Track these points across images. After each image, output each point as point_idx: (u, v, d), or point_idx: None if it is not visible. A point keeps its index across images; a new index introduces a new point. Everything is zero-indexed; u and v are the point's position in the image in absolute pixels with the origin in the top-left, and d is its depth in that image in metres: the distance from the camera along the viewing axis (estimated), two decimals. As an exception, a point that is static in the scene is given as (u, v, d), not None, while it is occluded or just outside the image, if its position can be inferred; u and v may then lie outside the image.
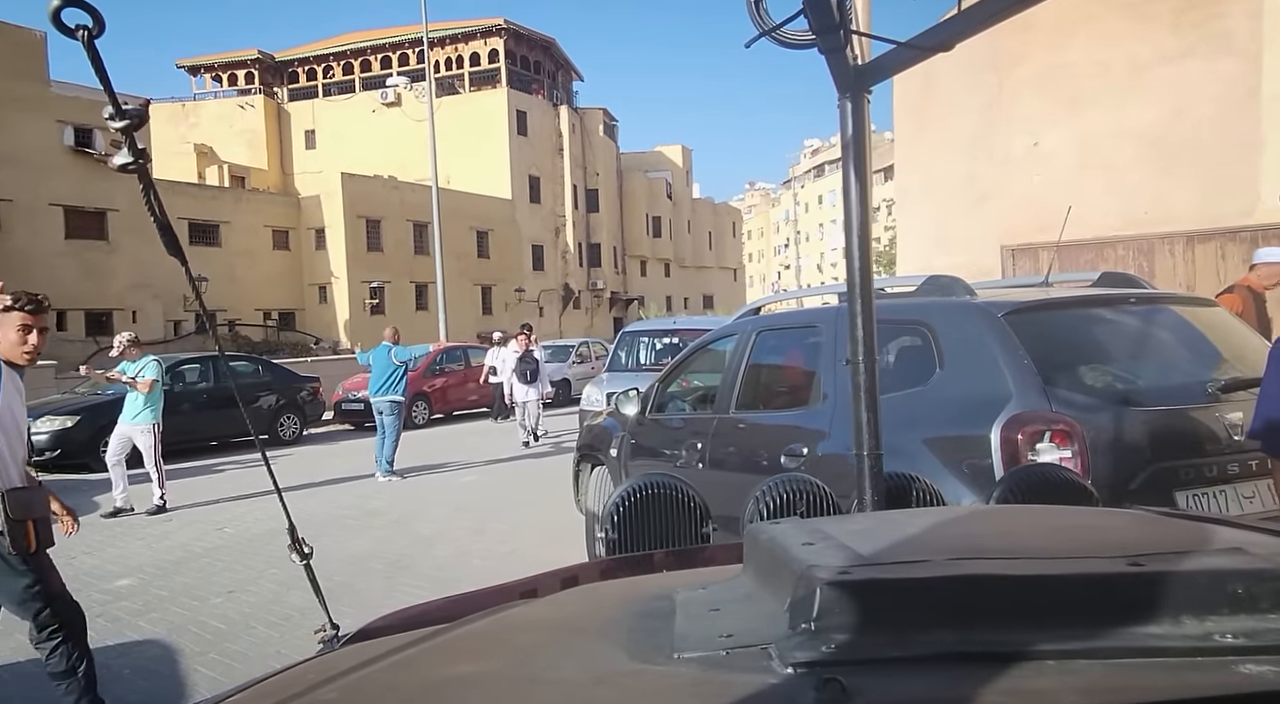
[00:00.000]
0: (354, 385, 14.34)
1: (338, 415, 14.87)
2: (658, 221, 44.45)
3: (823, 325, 3.70)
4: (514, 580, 1.53)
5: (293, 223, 28.72)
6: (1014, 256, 7.49)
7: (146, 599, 5.16)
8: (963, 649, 0.65)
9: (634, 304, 41.84)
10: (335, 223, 27.98)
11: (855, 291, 1.97)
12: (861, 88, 1.89)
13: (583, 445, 5.89)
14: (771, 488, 1.82)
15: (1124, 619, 0.67)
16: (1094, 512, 1.25)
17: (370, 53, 36.76)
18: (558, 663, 0.80)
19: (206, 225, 26.25)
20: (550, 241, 37.20)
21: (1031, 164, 7.47)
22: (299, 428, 13.04)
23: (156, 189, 1.27)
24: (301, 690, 0.86)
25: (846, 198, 1.95)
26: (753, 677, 0.66)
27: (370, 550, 6.23)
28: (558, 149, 37.47)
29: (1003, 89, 7.59)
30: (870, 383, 1.99)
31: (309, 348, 25.60)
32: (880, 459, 1.95)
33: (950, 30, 1.64)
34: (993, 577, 0.71)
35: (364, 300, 28.18)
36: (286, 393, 12.79)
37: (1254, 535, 0.87)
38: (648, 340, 11.53)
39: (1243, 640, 0.65)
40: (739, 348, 4.28)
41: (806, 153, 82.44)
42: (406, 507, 7.85)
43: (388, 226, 29.39)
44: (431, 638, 0.99)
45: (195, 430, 11.27)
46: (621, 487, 1.89)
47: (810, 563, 0.75)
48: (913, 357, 3.35)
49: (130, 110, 1.19)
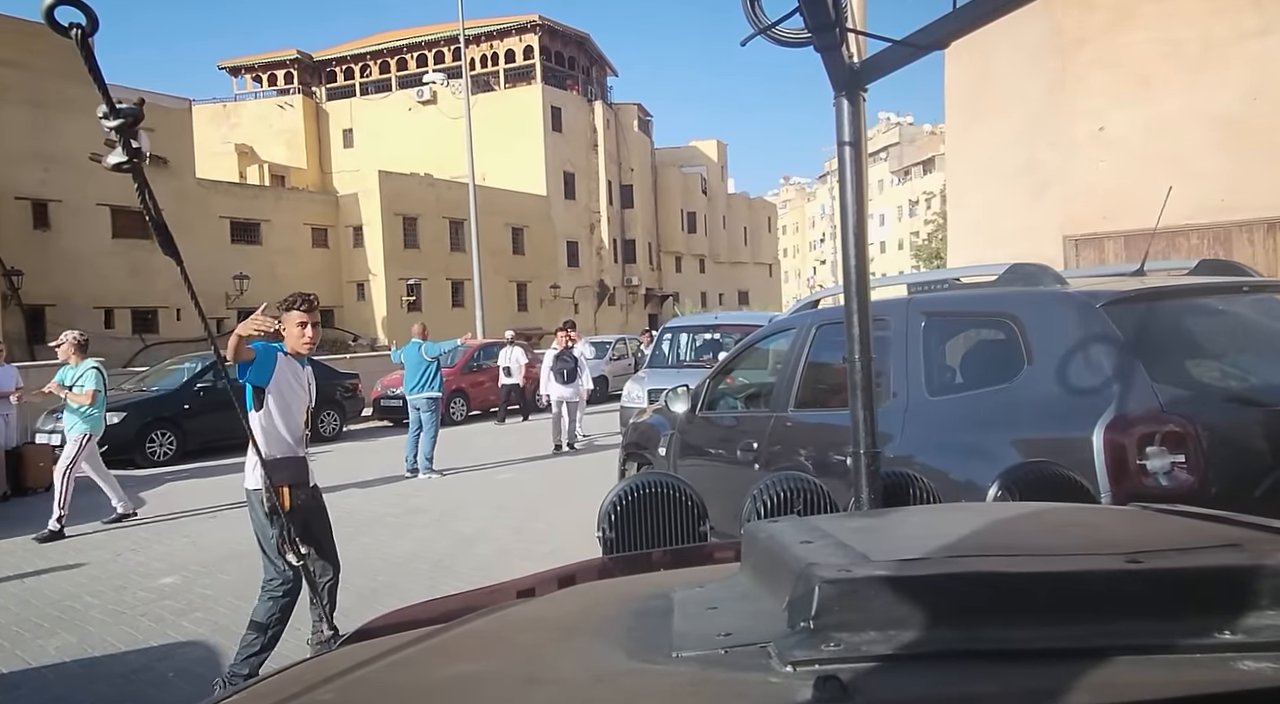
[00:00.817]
0: (392, 382, 14.35)
1: (376, 412, 14.90)
2: (692, 217, 44.16)
3: (891, 318, 3.47)
4: (511, 580, 1.53)
5: (331, 221, 29.00)
6: (1077, 247, 7.15)
7: (190, 598, 5.11)
8: (961, 647, 0.65)
9: (669, 300, 41.61)
10: (373, 220, 28.19)
11: (851, 290, 1.94)
12: (857, 86, 1.87)
13: (629, 444, 5.72)
14: (769, 486, 1.82)
15: (1123, 616, 0.67)
16: (1092, 509, 1.23)
17: (406, 51, 36.99)
18: (556, 662, 0.80)
19: (248, 224, 26.60)
20: (585, 238, 37.12)
21: (1096, 150, 7.12)
22: (339, 424, 13.08)
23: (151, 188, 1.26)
24: (299, 691, 0.85)
25: (842, 196, 1.93)
26: (751, 675, 0.66)
27: (413, 550, 6.13)
28: (592, 145, 37.37)
29: (1065, 72, 7.24)
30: (866, 381, 1.96)
31: (347, 345, 25.83)
32: (877, 457, 1.91)
33: (945, 28, 1.64)
34: (991, 574, 0.71)
35: (401, 297, 28.36)
36: (326, 389, 12.83)
37: (1252, 532, 0.87)
38: (688, 336, 11.32)
39: (1242, 637, 0.65)
40: (797, 343, 4.06)
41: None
42: (447, 505, 7.76)
43: (424, 224, 29.54)
44: (429, 638, 0.98)
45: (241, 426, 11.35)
46: (618, 485, 1.88)
47: (809, 561, 0.75)
48: (995, 351, 3.11)
49: (124, 109, 1.21)
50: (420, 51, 36.77)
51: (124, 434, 9.95)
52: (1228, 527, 0.92)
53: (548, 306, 34.24)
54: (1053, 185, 7.41)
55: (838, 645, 0.66)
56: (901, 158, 68.00)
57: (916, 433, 3.10)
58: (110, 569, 5.87)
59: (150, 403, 10.53)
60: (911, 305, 3.42)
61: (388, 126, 35.15)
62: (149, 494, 8.71)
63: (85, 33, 1.07)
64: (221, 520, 7.43)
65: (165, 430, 10.42)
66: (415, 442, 9.30)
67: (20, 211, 20.90)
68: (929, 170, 63.85)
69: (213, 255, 24.74)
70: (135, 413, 10.19)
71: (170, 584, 5.43)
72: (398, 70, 37.13)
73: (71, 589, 5.38)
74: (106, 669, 4.00)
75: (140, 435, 10.14)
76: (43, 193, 21.22)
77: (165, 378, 11.20)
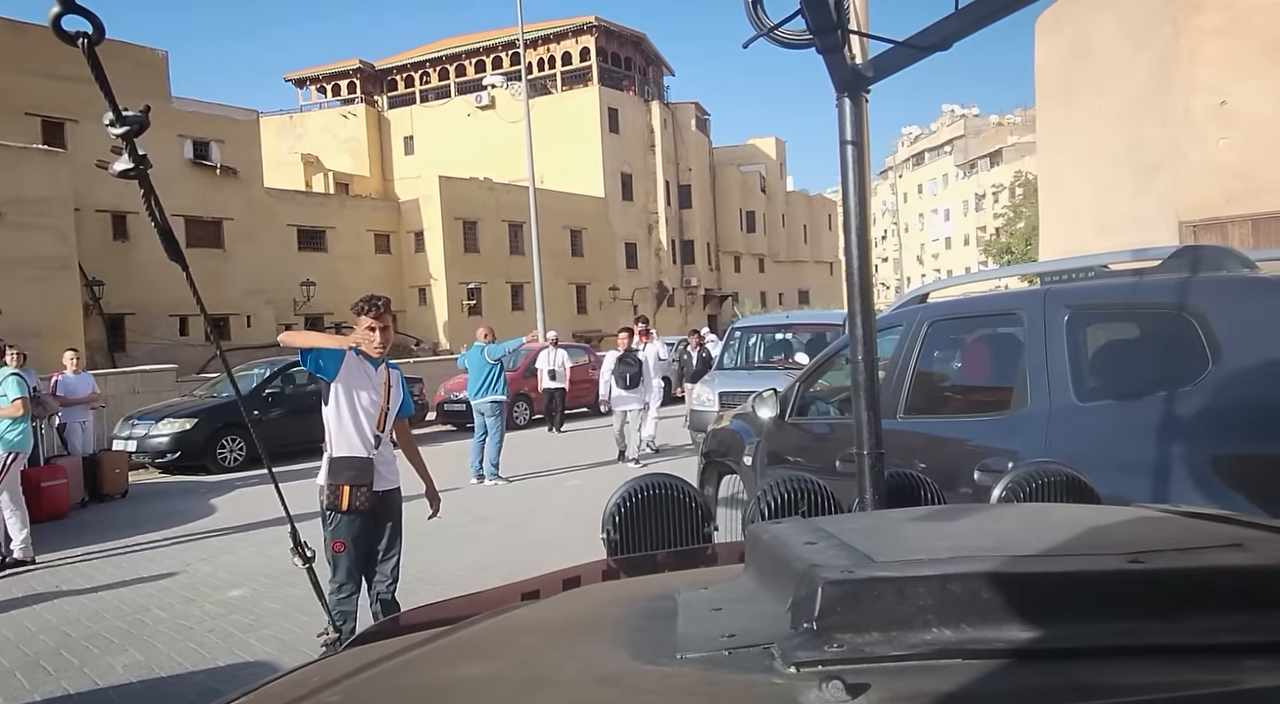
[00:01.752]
0: (455, 386, 14.28)
1: (440, 416, 14.85)
2: (751, 216, 43.51)
3: (1025, 312, 3.04)
4: (516, 582, 1.53)
5: (393, 227, 29.36)
6: (1195, 234, 6.51)
7: (258, 612, 4.95)
8: (965, 647, 0.65)
9: (728, 301, 41.10)
10: (434, 225, 28.43)
11: (855, 289, 1.94)
12: (860, 87, 1.88)
13: (710, 451, 5.36)
14: (772, 487, 1.82)
15: (1125, 616, 0.67)
16: (1095, 509, 1.24)
17: (465, 57, 37.33)
18: (561, 664, 0.80)
19: (314, 231, 27.10)
20: (643, 239, 36.87)
21: (1216, 126, 6.47)
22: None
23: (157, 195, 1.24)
24: (305, 694, 0.85)
25: (845, 198, 1.92)
26: (755, 676, 0.66)
27: (483, 560, 5.90)
28: (650, 145, 37.09)
29: (1178, 41, 6.61)
30: (870, 381, 1.95)
31: (410, 349, 26.09)
32: (881, 458, 1.88)
33: (948, 29, 1.64)
34: (995, 575, 0.70)
35: (461, 301, 28.54)
36: (391, 394, 12.86)
37: (1254, 532, 0.87)
38: (758, 337, 10.85)
39: (1243, 637, 0.64)
40: (905, 342, 3.65)
41: (904, 141, 79.35)
42: (514, 513, 7.53)
43: (484, 228, 29.69)
44: (435, 640, 0.98)
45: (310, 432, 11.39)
46: (621, 487, 1.87)
47: (812, 562, 0.76)
48: (1161, 349, 2.66)
49: (130, 116, 1.21)
50: (479, 57, 37.05)
51: (195, 441, 10.04)
52: (1230, 526, 0.91)
53: (607, 308, 34.09)
54: (1164, 167, 6.78)
55: (841, 646, 0.66)
56: (967, 151, 66.02)
57: (1068, 446, 2.67)
58: (180, 580, 5.78)
59: (220, 409, 10.60)
60: (1050, 297, 2.98)
61: (447, 132, 35.51)
62: (219, 501, 8.71)
63: (92, 41, 1.06)
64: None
65: (235, 436, 10.48)
66: (481, 447, 9.11)
67: (100, 224, 21.64)
68: (996, 162, 61.70)
69: (281, 262, 25.28)
70: (206, 419, 10.27)
71: (238, 597, 5.29)
72: (456, 77, 37.50)
73: (142, 601, 5.29)
74: (173, 691, 3.84)
75: (211, 442, 10.21)
76: (121, 205, 21.88)
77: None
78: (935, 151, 71.28)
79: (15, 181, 17.52)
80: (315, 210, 27.44)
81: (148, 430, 9.98)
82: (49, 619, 4.96)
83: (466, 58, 37.36)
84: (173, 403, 10.47)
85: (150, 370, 12.31)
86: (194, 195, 23.14)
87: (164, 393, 11.64)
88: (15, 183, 17.52)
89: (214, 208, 23.55)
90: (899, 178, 78.38)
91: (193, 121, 23.30)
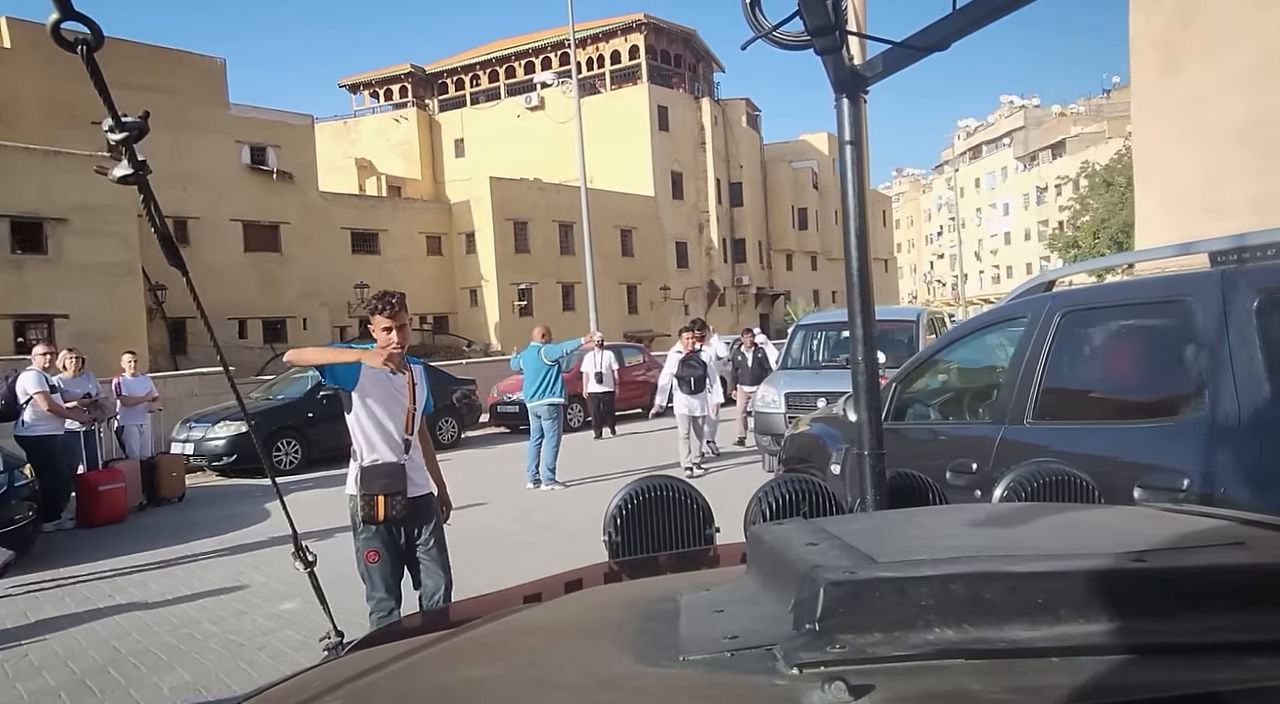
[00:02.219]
0: (508, 387, 14.04)
1: (493, 418, 14.64)
2: (803, 213, 42.70)
3: (1194, 299, 2.54)
4: (517, 585, 1.53)
5: (445, 228, 29.46)
6: (1331, 216, 5.82)
7: (310, 627, 4.66)
8: (968, 647, 0.65)
9: (780, 299, 40.38)
10: (484, 226, 28.43)
11: (854, 290, 1.94)
12: (858, 88, 1.89)
13: (790, 459, 4.93)
14: (773, 489, 1.83)
15: (1128, 615, 0.67)
16: (1097, 509, 1.23)
17: (514, 59, 37.37)
18: (564, 666, 0.80)
19: (367, 234, 27.32)
20: (694, 238, 36.40)
21: (1355, 93, 5.79)
22: (457, 431, 12.83)
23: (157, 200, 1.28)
24: (307, 698, 0.84)
25: (845, 198, 1.93)
26: (758, 678, 0.66)
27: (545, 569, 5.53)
28: (700, 143, 36.62)
29: (1310, 0, 5.94)
30: (872, 383, 1.95)
31: (462, 350, 26.10)
32: (882, 458, 1.89)
33: (945, 30, 1.67)
34: (997, 574, 0.70)
35: (513, 302, 28.47)
36: (444, 396, 12.62)
37: (1256, 530, 0.86)
38: (823, 335, 10.29)
39: (1245, 635, 0.64)
40: (1031, 336, 3.17)
41: (961, 134, 77.26)
42: (573, 521, 7.18)
43: (534, 228, 29.59)
44: (437, 643, 0.99)
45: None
46: (622, 489, 1.85)
47: (814, 563, 0.76)
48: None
49: (130, 122, 1.24)
50: (528, 58, 37.05)
51: (250, 443, 9.94)
52: (1232, 525, 0.90)
53: (658, 308, 33.73)
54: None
55: (843, 647, 0.65)
56: (1027, 143, 63.94)
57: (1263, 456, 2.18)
58: (233, 590, 5.57)
59: (275, 411, 10.51)
60: (1229, 279, 2.48)
61: (497, 134, 35.58)
62: (274, 505, 8.56)
63: (91, 47, 1.07)
64: (344, 537, 7.10)
65: (290, 439, 10.38)
66: (537, 451, 8.79)
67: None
68: (1059, 154, 59.56)
69: (335, 265, 25.52)
70: (261, 422, 10.19)
71: (290, 610, 5.04)
72: (506, 78, 37.58)
73: (194, 613, 5.07)
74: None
75: (266, 445, 10.11)
76: (183, 210, 22.33)
77: (289, 386, 11.18)
78: (993, 144, 69.10)
79: (81, 189, 17.89)
80: (368, 213, 27.67)
81: (204, 433, 9.94)
82: (100, 633, 4.77)
83: (516, 59, 37.40)
84: (229, 406, 10.38)
85: (208, 373, 12.34)
86: (251, 200, 23.50)
87: (221, 396, 11.63)
88: (81, 190, 17.90)
89: (271, 212, 23.87)
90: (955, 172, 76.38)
91: (250, 127, 23.65)
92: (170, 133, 22.18)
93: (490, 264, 28.36)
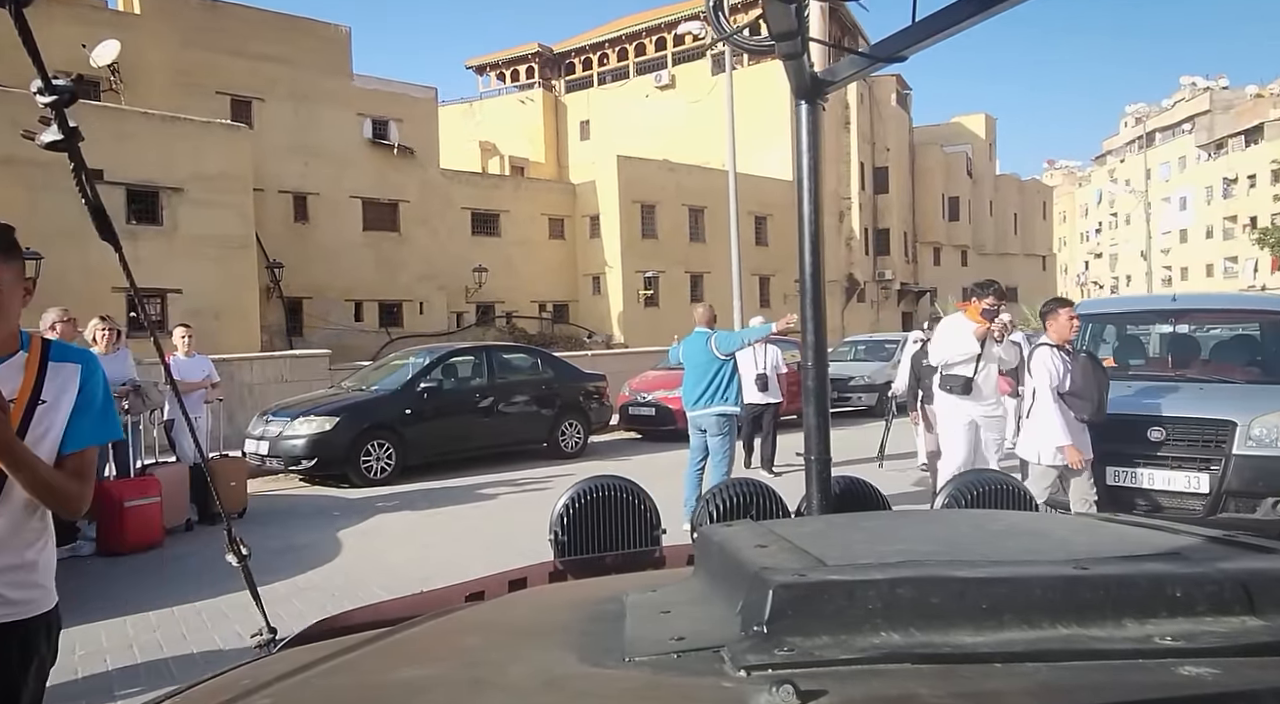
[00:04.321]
0: (644, 385, 11.77)
1: (623, 420, 12.33)
2: (955, 203, 38.62)
3: None
4: (459, 583, 1.48)
5: (568, 211, 27.65)
6: None
7: None
8: (914, 651, 0.65)
9: (925, 297, 36.61)
10: (610, 209, 26.43)
11: (806, 297, 1.99)
12: (817, 93, 2.01)
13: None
14: (721, 490, 1.89)
15: (1070, 622, 0.68)
16: (1038, 516, 1.22)
17: (645, 35, 35.30)
18: (505, 666, 0.78)
19: (487, 215, 25.84)
20: (833, 227, 33.19)
21: None
22: (582, 437, 10.60)
23: (89, 169, 1.21)
24: (234, 696, 0.82)
25: (800, 201, 2.01)
26: (705, 680, 0.66)
27: None
28: (844, 122, 33.37)
29: None
30: (820, 387, 2.02)
31: (582, 342, 24.22)
32: (828, 463, 1.99)
33: (904, 41, 1.77)
34: (944, 579, 0.71)
35: (638, 291, 26.34)
36: (569, 393, 10.43)
37: (1192, 540, 0.88)
38: (1127, 331, 6.67)
39: (1181, 643, 0.66)
40: None
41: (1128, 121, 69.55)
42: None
43: (662, 212, 27.35)
44: (373, 641, 0.95)
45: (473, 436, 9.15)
46: (570, 488, 1.93)
47: (763, 565, 0.76)
48: None
49: (60, 86, 1.17)
50: (660, 34, 34.87)
51: (337, 445, 8.05)
52: (1169, 535, 0.92)
53: (791, 302, 30.68)
54: None
55: (791, 650, 0.65)
56: (1212, 129, 56.45)
57: None
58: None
59: (367, 406, 8.58)
60: None
61: (625, 115, 33.74)
62: (352, 532, 6.55)
63: (19, 3, 1.03)
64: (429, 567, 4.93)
65: (383, 441, 8.43)
66: (699, 479, 6.40)
67: (282, 204, 21.16)
68: (1254, 140, 52.09)
69: (454, 247, 24.12)
70: (349, 418, 8.25)
71: None
72: (636, 56, 35.60)
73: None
74: None
75: (355, 447, 8.19)
76: (303, 186, 21.40)
77: (388, 376, 9.28)
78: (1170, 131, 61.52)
79: (196, 157, 16.95)
80: (490, 193, 26.15)
81: (282, 429, 8.13)
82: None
83: (647, 35, 35.30)
84: (314, 396, 8.60)
85: (301, 355, 10.67)
86: (372, 176, 22.35)
87: (315, 382, 9.91)
88: (196, 158, 16.95)
89: (391, 189, 22.67)
90: (1120, 163, 68.87)
91: (372, 99, 22.49)
92: (293, 104, 21.29)
93: (615, 249, 26.31)
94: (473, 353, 9.85)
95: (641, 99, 33.96)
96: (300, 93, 21.32)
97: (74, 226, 16.33)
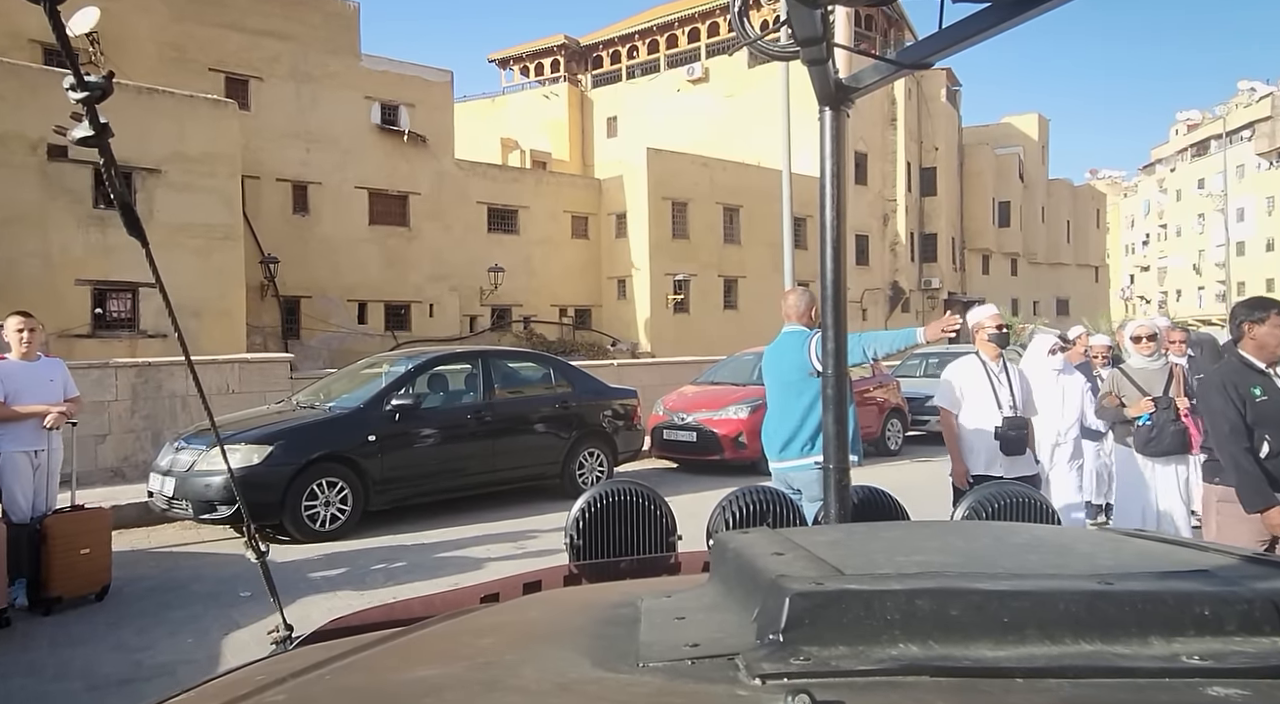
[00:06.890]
0: (681, 404, 9.56)
1: (656, 446, 10.07)
2: (1005, 207, 36.10)
3: None
4: (474, 584, 1.49)
5: (593, 208, 25.53)
6: None
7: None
8: (932, 664, 0.64)
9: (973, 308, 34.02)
10: (638, 206, 24.27)
11: (828, 304, 1.96)
12: (842, 100, 1.92)
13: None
14: (738, 498, 1.88)
15: (1092, 638, 0.67)
16: (1060, 530, 1.20)
17: (677, 26, 33.27)
18: (518, 669, 0.78)
19: (505, 211, 23.79)
20: (877, 230, 30.88)
21: None
22: (607, 471, 8.35)
23: (118, 165, 1.19)
24: (249, 692, 0.82)
25: (822, 210, 1.96)
26: (719, 687, 0.65)
27: None
28: (890, 119, 31.08)
29: None
30: (839, 395, 1.99)
31: (606, 350, 22.06)
32: (847, 472, 1.94)
33: (930, 48, 1.70)
34: (965, 591, 0.70)
35: (667, 295, 24.14)
36: (590, 413, 8.21)
37: (1220, 557, 0.87)
38: None
39: (1209, 663, 0.64)
40: None
41: (1179, 129, 66.33)
42: None
43: (695, 210, 25.14)
44: (388, 640, 0.95)
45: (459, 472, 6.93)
46: (587, 492, 1.87)
47: (780, 573, 0.75)
48: None
49: (93, 82, 1.15)
50: (693, 24, 32.83)
51: (268, 485, 5.78)
52: (1197, 552, 0.91)
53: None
54: None
55: (807, 659, 0.65)
56: (1274, 136, 53.31)
57: None
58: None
59: (315, 430, 6.31)
60: None
61: (654, 111, 31.72)
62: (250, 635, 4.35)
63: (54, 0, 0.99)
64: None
65: (335, 480, 6.22)
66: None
67: (280, 194, 19.26)
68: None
69: (468, 245, 22.10)
70: (287, 447, 5.97)
71: None
72: (667, 48, 33.56)
73: None
74: None
75: (295, 487, 5.96)
76: (304, 174, 19.54)
77: (355, 389, 7.06)
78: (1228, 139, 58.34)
79: (178, 135, 15.04)
80: (509, 187, 24.08)
81: (194, 462, 5.85)
82: None
83: (679, 26, 33.26)
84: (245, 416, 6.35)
85: (252, 360, 8.50)
86: (380, 165, 20.42)
87: (271, 394, 7.81)
88: (178, 136, 15.04)
89: (400, 180, 20.72)
90: (1170, 172, 65.66)
91: (382, 82, 20.58)
92: (294, 85, 19.43)
93: (643, 250, 24.14)
94: (467, 360, 7.52)
95: (673, 93, 31.93)
96: (303, 72, 19.47)
97: (28, 211, 14.55)
